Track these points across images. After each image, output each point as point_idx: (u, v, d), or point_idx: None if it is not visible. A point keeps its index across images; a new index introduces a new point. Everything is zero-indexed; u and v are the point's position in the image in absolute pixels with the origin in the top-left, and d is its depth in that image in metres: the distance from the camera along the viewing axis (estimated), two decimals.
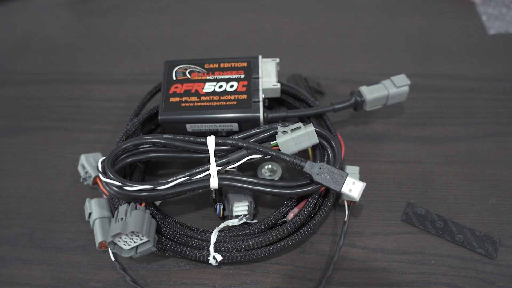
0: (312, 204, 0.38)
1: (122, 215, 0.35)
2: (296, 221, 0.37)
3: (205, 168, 0.37)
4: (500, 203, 0.42)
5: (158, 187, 0.36)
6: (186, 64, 0.44)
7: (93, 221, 0.39)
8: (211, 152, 0.38)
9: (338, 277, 0.38)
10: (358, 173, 0.42)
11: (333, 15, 0.62)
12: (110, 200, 0.40)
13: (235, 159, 0.38)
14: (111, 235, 0.34)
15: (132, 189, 0.36)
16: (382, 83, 0.45)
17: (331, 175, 0.36)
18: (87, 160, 0.42)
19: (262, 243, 0.37)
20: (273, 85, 0.43)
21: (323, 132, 0.38)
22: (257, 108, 0.41)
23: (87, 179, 0.42)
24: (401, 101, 0.46)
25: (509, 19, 0.60)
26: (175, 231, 0.38)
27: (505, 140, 0.46)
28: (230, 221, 0.38)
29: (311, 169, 0.37)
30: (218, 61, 0.44)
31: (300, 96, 0.45)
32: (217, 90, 0.42)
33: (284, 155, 0.37)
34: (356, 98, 0.44)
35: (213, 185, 0.37)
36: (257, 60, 0.44)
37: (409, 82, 0.44)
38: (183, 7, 0.65)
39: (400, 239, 0.40)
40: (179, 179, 0.36)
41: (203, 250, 0.37)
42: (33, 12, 0.66)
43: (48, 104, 0.52)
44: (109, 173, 0.36)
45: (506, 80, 0.52)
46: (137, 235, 0.35)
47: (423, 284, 0.37)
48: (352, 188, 0.36)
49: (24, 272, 0.39)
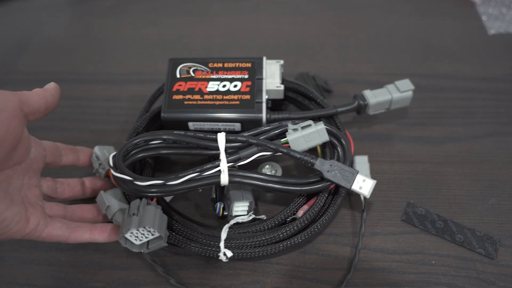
0: (322, 202, 0.38)
1: (134, 210, 0.35)
2: (306, 218, 0.37)
3: (216, 165, 0.37)
4: (500, 203, 0.42)
5: (168, 183, 0.36)
6: (190, 62, 0.44)
7: (113, 214, 0.37)
8: (222, 149, 0.38)
9: (338, 277, 0.38)
10: (367, 162, 0.42)
11: (333, 15, 0.62)
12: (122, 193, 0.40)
13: (246, 156, 0.38)
14: (123, 230, 0.34)
15: (143, 184, 0.36)
16: (386, 87, 0.44)
17: (341, 172, 0.36)
18: (101, 151, 0.42)
19: (272, 240, 0.37)
20: (277, 87, 0.43)
21: (333, 130, 0.38)
22: (260, 108, 0.41)
23: (100, 171, 0.42)
24: (404, 106, 0.46)
25: (509, 19, 0.60)
26: (186, 227, 0.38)
27: (505, 140, 0.46)
28: (240, 218, 0.39)
29: (322, 166, 0.37)
30: (223, 60, 0.44)
31: (309, 95, 0.45)
32: (221, 90, 0.42)
33: (294, 152, 0.37)
34: (359, 102, 0.44)
35: (224, 181, 0.37)
36: (261, 61, 0.43)
37: (413, 87, 0.44)
38: (183, 7, 0.65)
39: (400, 239, 0.40)
40: (190, 174, 0.37)
41: (213, 247, 0.37)
42: (33, 12, 0.66)
43: None
44: (120, 168, 0.37)
45: (506, 80, 0.52)
46: (149, 230, 0.35)
47: (423, 284, 0.37)
48: (362, 186, 0.37)
49: (24, 272, 0.39)
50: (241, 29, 0.61)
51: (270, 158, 0.44)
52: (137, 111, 0.48)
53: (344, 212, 0.42)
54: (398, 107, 0.45)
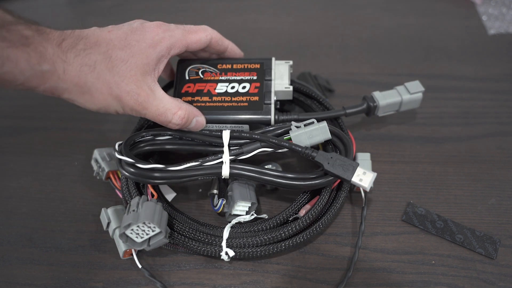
0: (324, 201, 0.38)
1: (134, 207, 0.36)
2: (308, 217, 0.37)
3: (218, 156, 0.38)
4: (500, 203, 0.42)
5: (169, 168, 0.37)
6: (199, 63, 0.44)
7: (113, 230, 0.38)
8: (225, 143, 0.38)
9: (338, 277, 0.38)
10: (369, 159, 0.42)
11: (333, 15, 0.62)
12: (122, 196, 0.40)
13: (248, 150, 0.38)
14: (123, 226, 0.34)
15: (145, 166, 0.36)
16: (396, 88, 0.44)
17: (342, 164, 0.37)
18: (100, 154, 0.42)
19: (274, 239, 0.37)
20: (285, 88, 0.42)
21: (335, 130, 0.39)
22: (269, 110, 0.41)
23: (100, 173, 0.42)
24: (414, 107, 0.45)
25: (509, 19, 0.60)
26: (187, 226, 0.38)
27: (505, 140, 0.46)
28: (242, 217, 0.39)
29: (322, 159, 0.37)
30: (231, 61, 0.44)
31: (312, 94, 0.45)
32: (229, 91, 0.42)
33: (296, 146, 0.37)
34: (368, 103, 0.43)
35: (225, 173, 0.37)
36: (270, 62, 0.43)
37: (423, 89, 0.44)
38: (183, 7, 0.65)
39: (400, 239, 0.40)
40: (191, 163, 0.37)
41: (215, 246, 0.37)
42: (33, 12, 0.66)
43: (48, 104, 0.52)
44: (124, 152, 0.37)
45: (506, 80, 0.52)
46: (149, 227, 0.35)
47: (423, 284, 0.37)
48: (362, 178, 0.37)
49: (24, 272, 0.39)
50: (241, 29, 0.61)
51: (272, 157, 0.44)
52: None
53: (345, 212, 0.42)
54: (407, 109, 0.45)
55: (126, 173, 0.37)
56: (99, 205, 0.41)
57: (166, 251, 0.40)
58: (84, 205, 0.43)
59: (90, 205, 0.43)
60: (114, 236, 0.38)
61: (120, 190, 0.40)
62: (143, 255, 0.39)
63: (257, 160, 0.42)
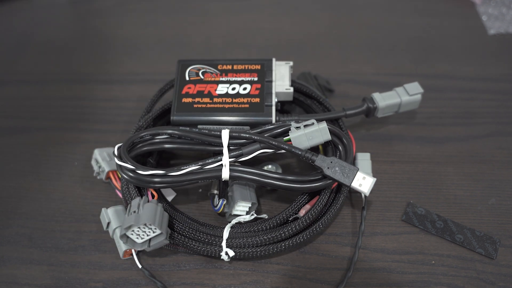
0: (324, 201, 0.38)
1: (134, 208, 0.35)
2: (308, 217, 0.37)
3: (218, 159, 0.38)
4: (500, 203, 0.42)
5: (170, 173, 0.37)
6: (199, 64, 0.44)
7: (113, 230, 0.38)
8: (225, 144, 0.38)
9: (338, 277, 0.38)
10: (369, 159, 0.42)
11: (333, 15, 0.62)
12: (122, 196, 0.40)
13: (248, 152, 0.38)
14: (124, 228, 0.34)
15: (145, 173, 0.36)
16: (395, 90, 0.44)
17: (341, 169, 0.37)
18: (100, 154, 0.42)
19: (274, 239, 0.37)
20: (286, 89, 0.42)
21: (335, 130, 0.38)
22: (270, 112, 0.41)
23: (100, 173, 0.42)
24: (413, 109, 0.46)
25: (509, 19, 0.60)
26: (187, 227, 0.38)
27: (505, 140, 0.46)
28: (242, 217, 0.39)
29: (322, 163, 0.37)
30: (232, 62, 0.44)
31: (312, 94, 0.45)
32: (230, 92, 0.42)
33: (296, 149, 0.37)
34: (368, 105, 0.44)
35: (225, 175, 0.37)
36: (271, 62, 0.43)
37: (422, 90, 0.44)
38: (183, 7, 0.65)
39: (400, 239, 0.40)
40: (191, 167, 0.37)
41: (215, 246, 0.37)
42: (33, 12, 0.66)
43: (48, 104, 0.52)
44: (124, 157, 0.37)
45: (506, 80, 0.52)
46: (150, 228, 0.35)
47: (423, 284, 0.37)
48: (362, 183, 0.37)
49: (24, 272, 0.39)
50: (241, 29, 0.61)
51: (272, 158, 0.44)
52: (137, 111, 0.49)
53: (344, 212, 0.42)
54: (406, 110, 0.45)
55: (126, 178, 0.37)
56: (99, 205, 0.41)
57: (166, 251, 0.40)
58: (84, 205, 0.43)
59: (90, 205, 0.43)
60: (114, 236, 0.38)
61: (120, 190, 0.40)
62: (143, 255, 0.39)
63: (257, 160, 0.42)
